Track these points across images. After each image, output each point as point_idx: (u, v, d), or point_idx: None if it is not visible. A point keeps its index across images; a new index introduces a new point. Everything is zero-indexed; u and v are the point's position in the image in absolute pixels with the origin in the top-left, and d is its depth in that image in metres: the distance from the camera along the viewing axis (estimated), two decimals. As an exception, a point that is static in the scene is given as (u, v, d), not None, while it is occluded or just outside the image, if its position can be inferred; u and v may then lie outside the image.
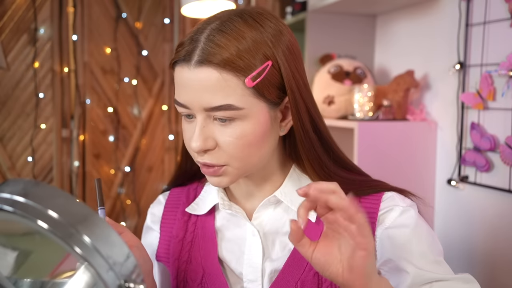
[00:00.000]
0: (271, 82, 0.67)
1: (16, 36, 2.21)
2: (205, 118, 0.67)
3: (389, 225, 0.71)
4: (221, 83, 0.64)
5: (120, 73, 2.42)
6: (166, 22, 2.47)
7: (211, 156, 0.68)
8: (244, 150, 0.67)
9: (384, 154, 1.60)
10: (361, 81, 1.77)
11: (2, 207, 0.43)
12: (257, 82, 0.65)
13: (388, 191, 0.75)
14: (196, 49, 0.65)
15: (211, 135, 0.67)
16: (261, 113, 0.67)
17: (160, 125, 2.53)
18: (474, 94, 1.46)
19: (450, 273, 0.70)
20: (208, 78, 0.64)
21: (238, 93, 0.65)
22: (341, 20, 1.96)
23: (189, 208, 0.82)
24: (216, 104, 0.65)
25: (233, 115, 0.65)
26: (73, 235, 0.42)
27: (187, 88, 0.66)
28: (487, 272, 1.46)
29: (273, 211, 0.77)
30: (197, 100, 0.65)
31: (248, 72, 0.64)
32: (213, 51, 0.64)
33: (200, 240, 0.80)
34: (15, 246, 0.51)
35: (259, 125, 0.67)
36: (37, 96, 2.25)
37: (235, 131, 0.66)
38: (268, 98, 0.67)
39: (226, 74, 0.64)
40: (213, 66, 0.63)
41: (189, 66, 0.65)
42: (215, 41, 0.64)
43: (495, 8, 1.40)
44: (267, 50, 0.66)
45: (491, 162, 1.43)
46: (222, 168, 0.69)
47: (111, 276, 0.43)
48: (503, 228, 1.41)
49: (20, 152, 2.26)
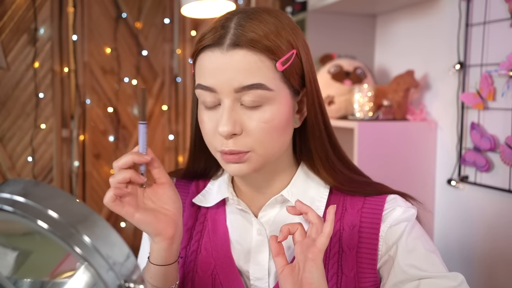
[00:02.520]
0: (296, 70, 0.70)
1: (16, 36, 2.21)
2: (233, 101, 0.68)
3: (392, 223, 0.73)
4: (256, 64, 0.66)
5: (120, 73, 2.42)
6: (166, 22, 2.47)
7: (236, 142, 0.68)
8: (270, 135, 0.69)
9: (384, 154, 1.60)
10: (361, 81, 1.77)
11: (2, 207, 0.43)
12: (286, 66, 0.68)
13: (391, 194, 0.77)
14: (228, 33, 0.67)
15: (238, 119, 0.68)
16: (286, 98, 0.70)
17: (160, 125, 2.53)
18: (474, 94, 1.46)
19: (441, 269, 0.71)
20: (242, 60, 0.66)
21: (269, 74, 0.67)
22: (341, 20, 1.96)
23: (196, 199, 0.83)
24: (248, 83, 0.66)
25: (262, 97, 0.67)
26: (73, 235, 0.42)
27: (218, 71, 0.67)
28: (486, 272, 1.46)
29: (279, 209, 0.78)
30: (228, 81, 0.67)
31: (278, 56, 0.67)
32: (247, 34, 0.66)
33: (211, 232, 0.80)
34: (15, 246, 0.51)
35: (284, 111, 0.70)
36: (37, 96, 2.25)
37: (263, 115, 0.68)
38: (293, 85, 0.71)
39: (260, 55, 0.66)
40: (247, 48, 0.66)
41: (222, 50, 0.66)
42: (246, 26, 0.67)
43: (495, 8, 1.40)
44: (290, 37, 0.70)
45: (491, 162, 1.43)
46: (246, 155, 0.69)
47: (111, 276, 0.43)
48: (503, 228, 1.41)
49: (20, 152, 2.26)
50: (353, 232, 0.74)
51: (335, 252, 0.74)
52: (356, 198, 0.77)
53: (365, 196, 0.76)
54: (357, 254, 0.73)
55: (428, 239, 0.75)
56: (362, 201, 0.76)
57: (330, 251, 0.74)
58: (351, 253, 0.73)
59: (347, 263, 0.73)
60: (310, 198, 0.76)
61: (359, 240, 0.73)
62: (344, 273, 0.72)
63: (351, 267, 0.73)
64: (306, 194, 0.77)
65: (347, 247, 0.73)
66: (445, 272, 0.70)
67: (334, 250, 0.74)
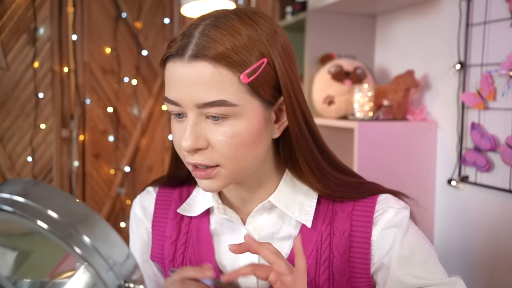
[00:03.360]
0: (266, 80, 0.65)
1: (16, 36, 2.21)
2: (197, 116, 0.64)
3: (384, 226, 0.71)
4: (216, 78, 0.62)
5: (120, 73, 2.42)
6: (166, 22, 2.47)
7: (202, 156, 0.66)
8: (237, 150, 0.65)
9: (384, 154, 1.60)
10: (361, 81, 1.76)
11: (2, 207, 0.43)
12: (252, 78, 0.63)
13: (382, 193, 0.75)
14: (190, 43, 0.63)
15: (203, 134, 0.65)
16: (255, 111, 0.66)
17: (160, 125, 2.53)
18: (475, 94, 1.46)
19: (438, 274, 0.69)
20: (202, 73, 0.62)
21: (232, 89, 0.63)
22: (341, 20, 1.96)
23: (180, 209, 0.80)
24: (209, 99, 0.62)
25: (226, 112, 0.63)
26: (73, 235, 0.42)
27: (179, 84, 0.64)
28: (487, 272, 1.46)
29: (267, 216, 0.76)
30: (190, 96, 0.63)
31: (243, 68, 0.63)
32: (208, 45, 0.62)
33: (195, 243, 0.78)
34: (14, 246, 0.51)
35: (253, 124, 0.65)
36: (37, 96, 2.25)
37: (229, 129, 0.64)
38: (263, 97, 0.66)
39: (221, 68, 0.62)
40: (207, 60, 0.62)
41: (182, 61, 0.63)
42: (210, 36, 0.63)
43: (495, 8, 1.40)
44: (263, 47, 0.65)
45: (492, 162, 1.43)
46: (214, 170, 0.66)
47: (111, 276, 0.43)
48: (503, 228, 1.41)
49: (19, 152, 2.26)
50: (344, 236, 0.72)
51: (325, 258, 0.72)
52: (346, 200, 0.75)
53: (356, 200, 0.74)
54: (349, 258, 0.71)
55: (424, 242, 0.72)
56: (352, 203, 0.74)
57: (320, 257, 0.72)
58: (342, 258, 0.71)
59: (339, 269, 0.71)
60: (298, 202, 0.74)
61: (350, 245, 0.72)
62: (335, 279, 0.71)
63: (343, 272, 0.71)
64: (294, 199, 0.74)
65: (338, 252, 0.72)
66: (444, 278, 0.69)
67: (325, 256, 0.72)
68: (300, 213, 0.73)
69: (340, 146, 1.96)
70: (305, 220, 0.73)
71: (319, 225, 0.73)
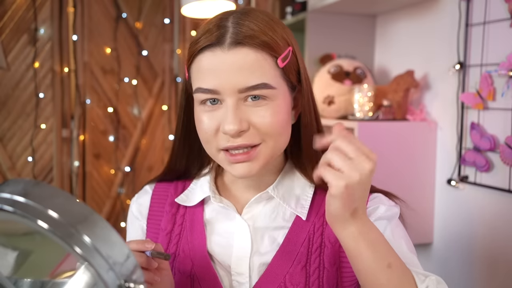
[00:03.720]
0: (292, 67, 0.71)
1: (16, 36, 2.21)
2: (237, 100, 0.68)
3: (375, 219, 0.73)
4: (258, 63, 0.66)
5: (120, 73, 2.42)
6: (166, 22, 2.47)
7: (245, 137, 0.68)
8: (278, 127, 0.69)
9: (384, 154, 1.60)
10: (361, 81, 1.77)
11: (2, 207, 0.43)
12: (286, 63, 0.69)
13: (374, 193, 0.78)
14: (228, 32, 0.67)
15: (244, 116, 0.68)
16: (285, 95, 0.71)
17: (160, 125, 2.53)
18: (474, 94, 1.46)
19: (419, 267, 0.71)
20: (244, 58, 0.66)
21: (271, 72, 0.68)
22: (341, 20, 1.96)
23: (178, 199, 0.81)
24: (252, 83, 0.66)
25: (266, 94, 0.68)
26: (73, 235, 0.42)
27: (219, 71, 0.67)
28: (486, 272, 1.46)
29: (263, 206, 0.78)
30: (231, 82, 0.66)
31: (278, 52, 0.68)
32: (247, 32, 0.66)
33: (188, 233, 0.80)
34: (15, 246, 0.51)
35: (286, 106, 0.71)
36: (37, 96, 2.25)
37: (267, 110, 0.68)
38: (291, 82, 0.72)
39: (262, 53, 0.67)
40: (249, 46, 0.66)
41: (223, 49, 0.66)
42: (245, 24, 0.67)
43: (495, 8, 1.40)
44: (286, 37, 0.71)
45: (491, 162, 1.43)
46: (256, 149, 0.70)
47: (111, 276, 0.43)
48: (502, 228, 1.41)
49: (20, 152, 2.26)
50: None
51: (317, 246, 0.74)
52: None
53: None
54: (339, 248, 0.73)
55: (409, 241, 0.75)
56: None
57: (312, 246, 0.74)
58: (333, 247, 0.73)
59: (329, 257, 0.73)
60: (295, 195, 0.77)
61: None
62: (326, 267, 0.73)
63: (333, 261, 0.73)
64: (292, 191, 0.77)
65: (329, 242, 0.74)
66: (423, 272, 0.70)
67: (316, 245, 0.74)
68: (296, 205, 0.76)
69: (340, 146, 1.96)
70: (300, 212, 0.76)
71: (312, 216, 0.76)
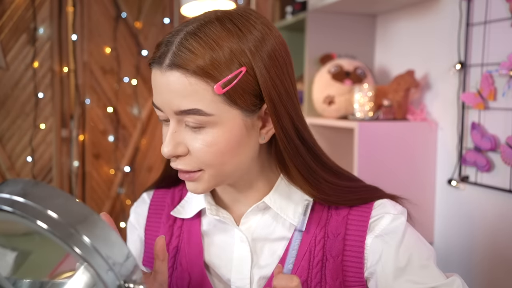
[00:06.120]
0: (244, 89, 0.64)
1: (16, 36, 2.21)
2: (177, 123, 0.66)
3: (379, 233, 0.71)
4: (191, 88, 0.63)
5: (120, 73, 2.42)
6: (166, 22, 2.47)
7: (183, 162, 0.67)
8: (217, 157, 0.66)
9: (384, 154, 1.59)
10: (361, 81, 1.76)
11: (2, 207, 0.43)
12: (227, 89, 0.63)
13: (378, 199, 0.74)
14: (168, 52, 0.64)
15: (182, 141, 0.66)
16: (234, 120, 0.65)
17: (160, 125, 2.52)
18: (475, 94, 1.46)
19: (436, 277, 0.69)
20: (176, 82, 0.63)
21: (207, 99, 0.63)
22: (341, 20, 1.96)
23: (174, 212, 0.80)
24: (184, 108, 0.64)
25: (202, 121, 0.64)
26: (73, 235, 0.42)
27: (159, 90, 0.66)
28: (487, 272, 1.46)
29: (261, 217, 0.75)
30: (168, 103, 0.65)
31: (217, 79, 0.63)
32: (183, 56, 0.63)
33: (186, 246, 0.78)
34: (14, 246, 0.51)
35: (231, 133, 0.66)
36: (37, 96, 2.25)
37: (206, 138, 0.65)
38: (242, 106, 0.65)
39: (195, 78, 0.62)
40: (181, 71, 0.63)
41: (161, 69, 0.64)
42: (186, 46, 0.63)
43: (495, 7, 1.40)
44: (243, 58, 0.64)
45: (492, 162, 1.42)
46: (197, 174, 0.68)
47: (110, 276, 0.43)
48: (503, 228, 1.41)
49: (19, 152, 2.25)
50: (338, 239, 0.72)
51: (318, 260, 0.72)
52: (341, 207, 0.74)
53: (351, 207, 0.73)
54: (342, 262, 0.71)
55: (421, 245, 0.72)
56: (348, 208, 0.73)
57: (313, 259, 0.72)
58: (335, 261, 0.71)
59: (331, 272, 0.71)
60: (293, 205, 0.74)
61: (344, 248, 0.71)
62: (328, 282, 0.71)
63: (335, 276, 0.71)
64: (289, 200, 0.74)
65: (331, 255, 0.71)
66: (442, 279, 0.68)
67: (318, 259, 0.72)
68: (294, 215, 0.73)
69: (340, 146, 1.96)
70: (299, 222, 0.72)
71: (313, 228, 0.73)
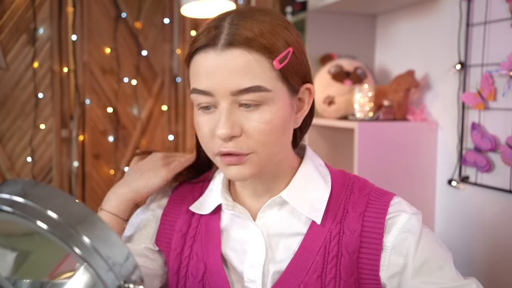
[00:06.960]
0: (293, 68, 0.68)
1: (15, 36, 2.20)
2: (230, 104, 0.66)
3: (397, 232, 0.71)
4: (251, 64, 0.64)
5: (120, 73, 2.42)
6: (166, 22, 2.47)
7: (236, 143, 0.66)
8: (271, 135, 0.67)
9: (384, 154, 1.59)
10: (361, 81, 1.76)
11: (1, 208, 0.43)
12: (284, 64, 0.66)
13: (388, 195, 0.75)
14: (222, 33, 0.65)
15: (237, 121, 0.66)
16: (285, 98, 0.68)
17: (160, 125, 2.52)
18: (475, 94, 1.46)
19: (453, 278, 0.69)
20: (237, 60, 0.64)
21: (266, 74, 0.65)
22: (341, 20, 1.96)
23: (193, 207, 0.81)
24: (245, 86, 0.64)
25: (260, 98, 0.65)
26: (73, 236, 0.42)
27: (212, 73, 0.65)
28: (487, 272, 1.46)
29: (278, 211, 0.76)
30: (224, 84, 0.65)
31: (274, 54, 0.65)
32: (241, 32, 0.64)
33: (203, 237, 0.79)
34: (14, 246, 0.51)
35: (284, 110, 0.68)
36: (37, 96, 2.25)
37: (262, 116, 0.66)
38: (291, 83, 0.69)
39: (255, 54, 0.64)
40: (242, 47, 0.64)
41: (216, 50, 0.65)
42: (240, 25, 0.65)
43: (495, 8, 1.40)
44: (287, 37, 0.68)
45: (492, 162, 1.42)
46: (246, 157, 0.67)
47: (110, 276, 0.43)
48: (503, 229, 1.41)
49: (19, 152, 2.25)
50: (354, 236, 0.71)
51: (333, 255, 0.71)
52: (358, 201, 0.74)
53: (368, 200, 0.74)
54: (358, 259, 0.71)
55: (437, 246, 0.72)
56: (365, 204, 0.73)
57: (328, 254, 0.71)
58: (351, 258, 0.71)
59: (346, 268, 0.71)
60: (310, 200, 0.74)
61: (360, 245, 0.71)
62: (342, 278, 0.70)
63: (350, 272, 0.71)
64: (306, 195, 0.74)
65: (347, 251, 0.71)
66: (459, 281, 0.69)
67: (333, 254, 0.71)
68: (310, 209, 0.73)
69: (340, 146, 1.95)
70: (315, 216, 0.73)
71: (328, 223, 0.73)
